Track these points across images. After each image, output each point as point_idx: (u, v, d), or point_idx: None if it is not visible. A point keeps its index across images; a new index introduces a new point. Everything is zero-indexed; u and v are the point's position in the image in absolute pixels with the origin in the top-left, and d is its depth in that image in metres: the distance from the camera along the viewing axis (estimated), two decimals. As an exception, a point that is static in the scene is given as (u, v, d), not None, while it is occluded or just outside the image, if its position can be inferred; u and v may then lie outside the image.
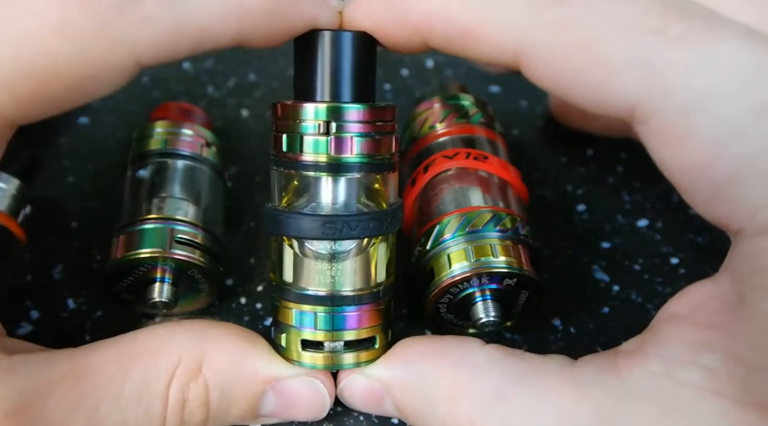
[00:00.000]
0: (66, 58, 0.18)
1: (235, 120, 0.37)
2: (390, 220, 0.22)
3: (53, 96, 0.19)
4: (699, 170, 0.19)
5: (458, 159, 0.27)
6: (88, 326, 0.27)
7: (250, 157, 0.34)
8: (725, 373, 0.18)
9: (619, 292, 0.29)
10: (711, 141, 0.18)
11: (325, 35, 0.22)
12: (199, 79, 0.39)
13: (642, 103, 0.19)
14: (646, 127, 0.20)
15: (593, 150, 0.35)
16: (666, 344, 0.20)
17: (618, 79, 0.19)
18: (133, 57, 0.19)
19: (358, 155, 0.21)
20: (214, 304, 0.28)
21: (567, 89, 0.20)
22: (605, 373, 0.20)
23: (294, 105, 0.22)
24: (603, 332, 0.27)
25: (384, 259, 0.23)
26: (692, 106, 0.18)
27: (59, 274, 0.29)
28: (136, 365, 0.21)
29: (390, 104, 0.23)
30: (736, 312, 0.19)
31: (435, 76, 0.40)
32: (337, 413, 0.24)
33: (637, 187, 0.34)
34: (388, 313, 0.24)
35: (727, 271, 0.20)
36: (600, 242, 0.31)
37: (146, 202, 0.26)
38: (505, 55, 0.21)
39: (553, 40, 0.20)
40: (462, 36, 0.21)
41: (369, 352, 0.23)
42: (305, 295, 0.22)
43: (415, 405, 0.22)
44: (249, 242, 0.30)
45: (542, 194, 0.33)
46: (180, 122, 0.30)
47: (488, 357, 0.21)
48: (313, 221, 0.21)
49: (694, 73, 0.18)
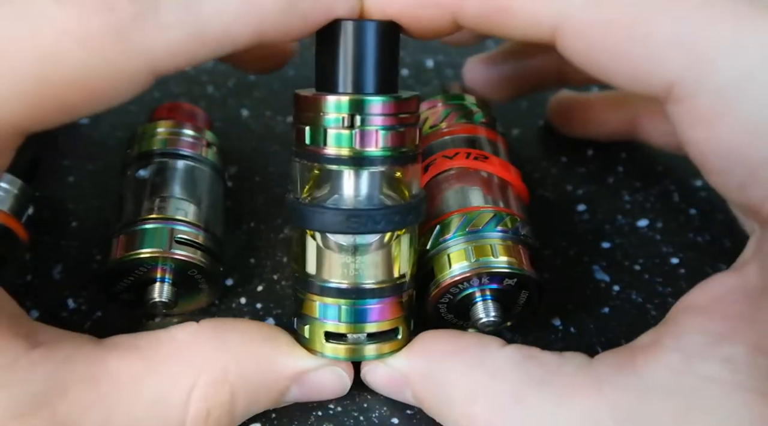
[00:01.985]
0: (85, 68, 0.18)
1: (235, 120, 0.37)
2: (414, 212, 0.22)
3: (69, 105, 0.19)
4: (733, 153, 0.19)
5: (459, 159, 0.27)
6: (88, 326, 0.27)
7: (250, 157, 0.34)
8: (748, 365, 0.18)
9: (619, 292, 0.29)
10: (747, 124, 0.18)
11: (348, 25, 0.21)
12: (199, 79, 0.39)
13: (681, 82, 0.19)
14: (680, 107, 0.19)
15: (593, 150, 0.35)
16: (684, 337, 0.19)
17: (660, 56, 0.19)
18: (151, 65, 0.19)
19: (383, 148, 0.21)
20: (214, 304, 0.28)
21: (604, 66, 0.20)
22: (623, 371, 0.20)
23: (316, 97, 0.21)
24: (603, 332, 0.27)
25: (407, 252, 0.23)
26: (731, 87, 0.18)
27: (59, 274, 0.29)
28: (154, 373, 0.21)
29: (414, 95, 0.22)
30: (760, 301, 0.19)
31: (435, 76, 0.40)
32: (337, 413, 0.24)
33: (637, 187, 0.34)
34: (411, 304, 0.24)
35: (751, 262, 0.20)
36: (600, 242, 0.31)
37: (146, 202, 0.26)
38: (542, 31, 0.20)
39: (593, 14, 0.19)
40: (497, 11, 0.20)
41: (391, 344, 0.23)
42: (328, 288, 0.22)
43: (433, 400, 0.22)
44: (249, 242, 0.30)
45: (542, 194, 0.33)
46: (180, 122, 0.30)
47: (507, 359, 0.21)
48: (337, 215, 0.21)
49: (737, 53, 0.18)
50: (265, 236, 0.31)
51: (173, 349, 0.22)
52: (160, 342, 0.22)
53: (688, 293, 0.21)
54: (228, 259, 0.29)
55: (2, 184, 0.27)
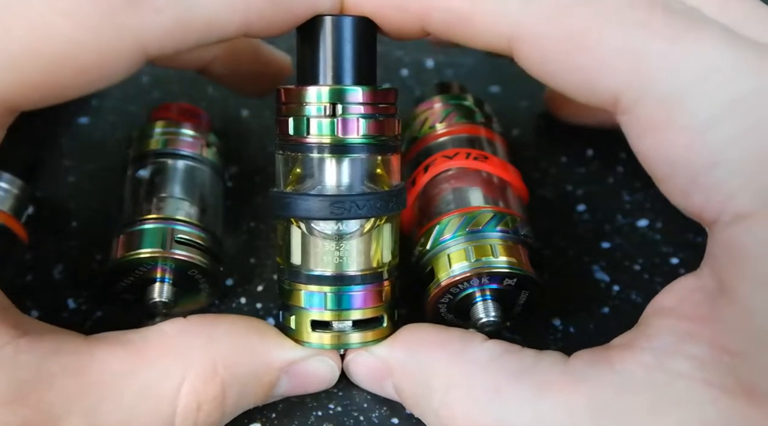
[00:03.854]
0: (75, 43, 0.19)
1: (235, 120, 0.37)
2: (395, 199, 0.23)
3: (59, 82, 0.19)
4: (675, 160, 0.20)
5: (458, 159, 0.27)
6: (88, 326, 0.27)
7: (250, 157, 0.34)
8: (712, 363, 0.19)
9: (619, 292, 0.29)
10: (688, 130, 0.19)
11: (327, 20, 0.22)
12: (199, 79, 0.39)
13: (626, 91, 0.20)
14: (628, 117, 0.20)
15: (593, 150, 0.35)
16: (656, 337, 0.20)
17: (606, 67, 0.20)
18: (141, 46, 0.20)
19: (364, 136, 0.22)
20: (214, 304, 0.28)
21: (557, 77, 0.21)
22: (599, 367, 0.20)
23: (298, 89, 0.22)
24: (603, 332, 0.27)
25: (389, 240, 0.24)
26: (672, 97, 0.19)
27: (59, 274, 0.29)
28: (143, 367, 0.21)
29: (391, 88, 0.23)
30: (718, 302, 0.20)
31: (435, 76, 0.39)
32: (337, 413, 0.24)
33: (637, 187, 0.33)
34: (393, 293, 0.24)
35: (707, 263, 0.21)
36: (600, 242, 0.31)
37: (146, 202, 0.26)
38: (500, 41, 0.21)
39: (545, 28, 0.20)
40: (459, 22, 0.22)
41: (375, 332, 0.23)
42: (313, 276, 0.23)
43: (412, 390, 0.23)
44: (249, 242, 0.30)
45: (542, 194, 0.33)
46: (180, 122, 0.30)
47: (488, 352, 0.22)
48: (321, 201, 0.22)
49: (676, 65, 0.19)
50: (265, 236, 0.31)
51: (162, 344, 0.22)
52: (148, 337, 0.22)
53: (657, 296, 0.22)
54: (228, 259, 0.29)
55: (2, 184, 0.27)
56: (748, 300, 0.19)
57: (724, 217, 0.19)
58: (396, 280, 0.24)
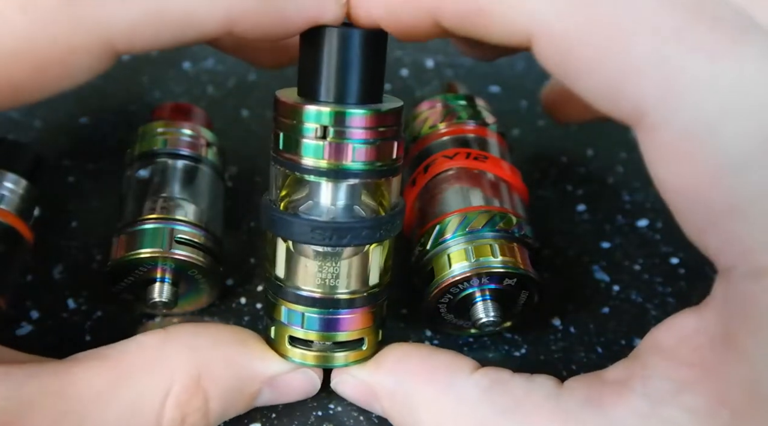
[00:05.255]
0: (29, 38, 0.17)
1: (235, 120, 0.37)
2: (385, 228, 0.22)
3: (15, 81, 0.18)
4: (696, 196, 0.18)
5: (458, 159, 0.27)
6: (88, 326, 0.27)
7: (250, 157, 0.34)
8: (709, 416, 0.18)
9: (619, 292, 0.29)
10: (716, 169, 0.17)
11: (333, 32, 0.20)
12: (199, 79, 0.39)
13: (652, 109, 0.18)
14: (650, 138, 0.18)
15: (593, 150, 0.35)
16: (651, 382, 0.19)
17: (634, 76, 0.18)
18: (106, 41, 0.18)
19: (355, 162, 0.21)
20: (214, 304, 0.28)
21: (577, 79, 0.19)
22: (590, 407, 0.20)
23: (294, 106, 0.21)
24: (603, 332, 0.27)
25: (379, 262, 0.23)
26: (704, 125, 0.17)
27: (59, 274, 0.29)
28: (125, 382, 0.20)
29: (395, 107, 0.21)
30: (723, 353, 0.18)
31: (435, 76, 0.40)
32: (337, 413, 0.24)
33: (637, 187, 0.34)
34: (381, 314, 0.23)
35: (714, 308, 0.19)
36: (600, 242, 0.31)
37: (146, 202, 0.26)
38: (518, 35, 0.19)
39: (570, 21, 0.18)
40: (474, 14, 0.20)
41: (357, 353, 0.23)
42: (297, 295, 0.22)
43: (402, 418, 0.22)
44: (249, 242, 0.31)
45: (542, 194, 0.33)
46: (180, 122, 0.30)
47: (476, 385, 0.21)
48: (301, 226, 0.21)
49: (714, 88, 0.17)
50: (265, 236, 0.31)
51: (143, 357, 0.21)
52: (128, 351, 0.21)
53: (655, 329, 0.21)
54: (228, 259, 0.29)
55: (7, 184, 0.27)
56: (758, 361, 0.17)
57: (741, 268, 0.18)
58: (384, 301, 0.23)
